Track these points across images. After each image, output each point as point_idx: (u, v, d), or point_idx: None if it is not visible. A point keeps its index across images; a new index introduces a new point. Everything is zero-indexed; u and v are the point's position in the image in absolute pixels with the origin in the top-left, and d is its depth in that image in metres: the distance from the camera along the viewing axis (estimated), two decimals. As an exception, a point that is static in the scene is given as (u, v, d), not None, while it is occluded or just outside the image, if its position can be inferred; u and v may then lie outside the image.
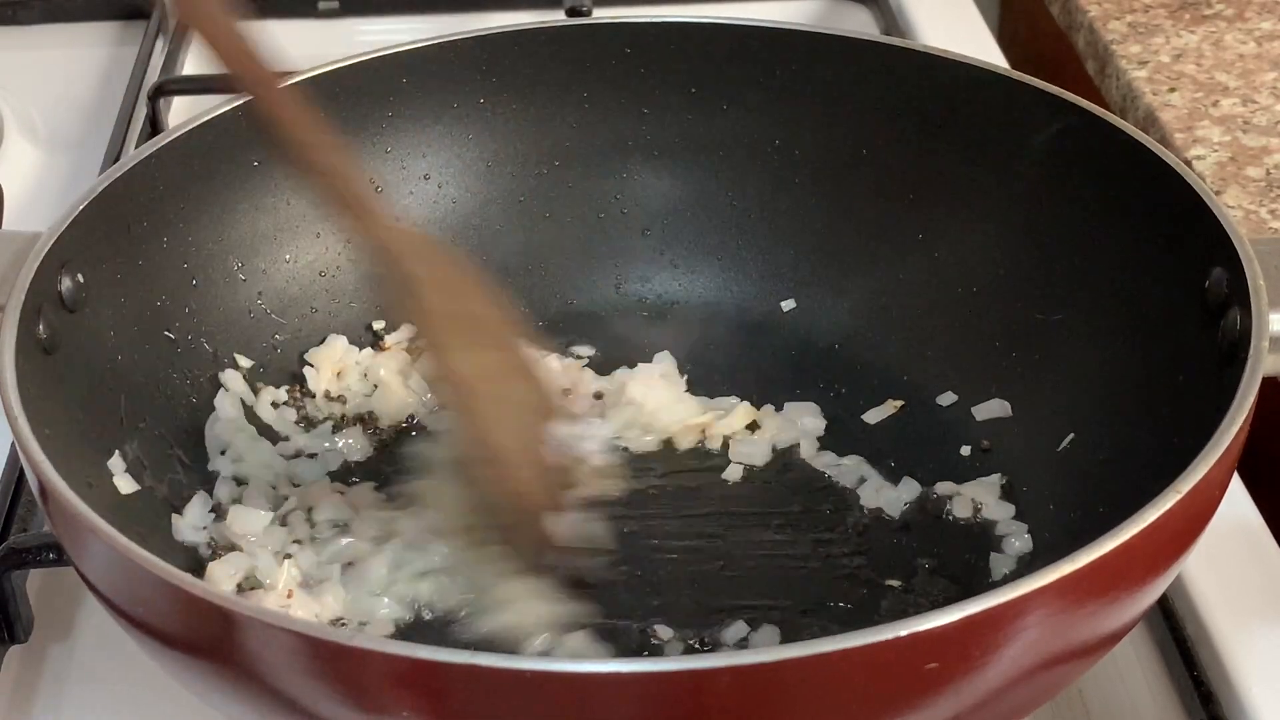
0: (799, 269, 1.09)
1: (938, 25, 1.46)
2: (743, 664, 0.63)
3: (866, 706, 0.67)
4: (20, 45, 1.45)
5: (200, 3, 0.82)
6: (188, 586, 0.67)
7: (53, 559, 0.91)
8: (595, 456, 0.97)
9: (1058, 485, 0.93)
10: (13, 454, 1.01)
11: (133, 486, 0.88)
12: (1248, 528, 0.96)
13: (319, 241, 1.06)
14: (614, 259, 1.11)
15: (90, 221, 0.89)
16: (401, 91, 1.05)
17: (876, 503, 0.95)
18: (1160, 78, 1.33)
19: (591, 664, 0.63)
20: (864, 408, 1.02)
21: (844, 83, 1.06)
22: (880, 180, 1.06)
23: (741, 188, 1.10)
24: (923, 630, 0.63)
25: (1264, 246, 0.84)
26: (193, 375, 0.98)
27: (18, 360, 0.79)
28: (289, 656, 0.66)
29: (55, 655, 0.94)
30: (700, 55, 1.08)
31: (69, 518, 0.73)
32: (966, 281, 1.03)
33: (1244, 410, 0.74)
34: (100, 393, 0.90)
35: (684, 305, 1.10)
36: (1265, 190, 1.19)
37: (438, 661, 0.63)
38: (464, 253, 1.08)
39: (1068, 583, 0.66)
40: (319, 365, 1.03)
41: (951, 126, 1.03)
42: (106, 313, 0.91)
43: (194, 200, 0.99)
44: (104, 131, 1.34)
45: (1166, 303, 0.89)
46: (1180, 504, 0.70)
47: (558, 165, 1.11)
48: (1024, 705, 0.75)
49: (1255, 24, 1.41)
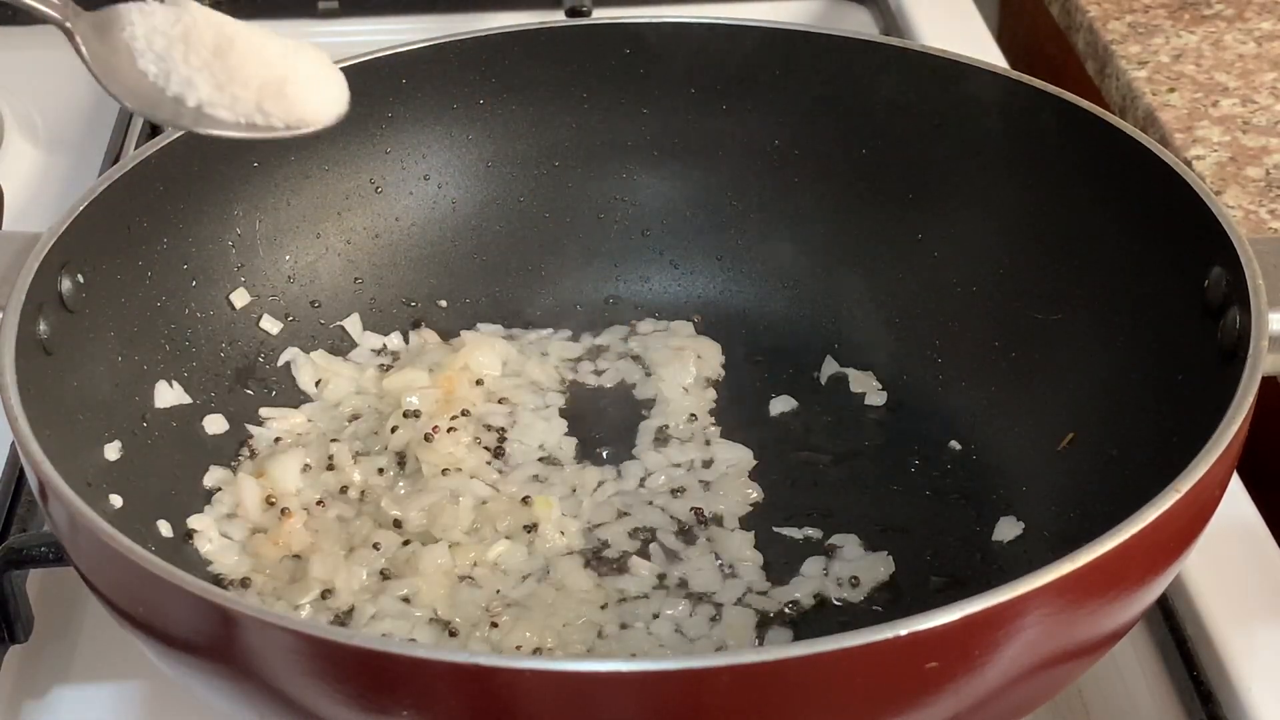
0: (799, 269, 1.09)
1: (937, 25, 1.46)
2: (743, 663, 0.63)
3: (866, 706, 0.67)
4: (20, 45, 1.45)
5: None
6: (188, 586, 0.67)
7: (53, 559, 0.91)
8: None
9: (1058, 485, 0.93)
10: (13, 454, 1.01)
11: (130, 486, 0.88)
12: (1248, 528, 0.96)
13: (319, 241, 1.06)
14: (614, 259, 1.11)
15: (90, 221, 0.89)
16: (401, 92, 1.06)
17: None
18: (1160, 78, 1.33)
19: (592, 663, 0.63)
20: (864, 406, 1.02)
21: (844, 83, 1.06)
22: (880, 180, 1.06)
23: (741, 188, 1.10)
24: (923, 630, 0.63)
25: (1264, 246, 0.84)
26: (193, 375, 0.98)
27: (18, 360, 0.79)
28: (289, 656, 0.66)
29: (55, 655, 0.94)
30: (700, 55, 1.08)
31: (69, 518, 0.73)
32: (966, 281, 1.03)
33: (1244, 410, 0.74)
34: (101, 393, 0.90)
35: (684, 305, 1.10)
36: (1265, 190, 1.19)
37: (437, 661, 0.63)
38: (463, 252, 1.09)
39: (1067, 582, 0.66)
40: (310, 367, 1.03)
41: (951, 126, 1.03)
42: (106, 313, 0.91)
43: (194, 200, 0.99)
44: (104, 131, 1.34)
45: (1166, 302, 0.89)
46: (1180, 504, 0.70)
47: (558, 165, 1.11)
48: (1024, 705, 0.75)
49: (1255, 24, 1.40)
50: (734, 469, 0.99)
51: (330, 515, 0.94)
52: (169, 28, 0.78)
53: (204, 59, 0.78)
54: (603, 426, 1.02)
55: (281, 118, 0.79)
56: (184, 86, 0.78)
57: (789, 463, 1.00)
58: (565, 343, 1.08)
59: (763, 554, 0.93)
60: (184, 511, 0.93)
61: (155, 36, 0.78)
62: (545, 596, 0.89)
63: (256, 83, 0.79)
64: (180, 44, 0.78)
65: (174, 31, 0.78)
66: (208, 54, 0.78)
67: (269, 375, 1.03)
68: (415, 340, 1.07)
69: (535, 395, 1.04)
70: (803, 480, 0.98)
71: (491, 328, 1.08)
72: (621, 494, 0.97)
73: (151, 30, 0.78)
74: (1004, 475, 0.96)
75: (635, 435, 1.02)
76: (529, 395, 1.04)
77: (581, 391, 1.05)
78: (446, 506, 0.93)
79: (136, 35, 0.78)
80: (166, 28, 0.78)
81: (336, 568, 0.90)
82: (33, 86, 1.43)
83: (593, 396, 1.05)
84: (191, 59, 0.78)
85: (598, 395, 1.05)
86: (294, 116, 0.80)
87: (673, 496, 0.97)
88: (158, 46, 0.78)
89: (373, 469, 0.97)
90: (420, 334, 1.07)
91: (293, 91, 0.79)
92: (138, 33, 0.78)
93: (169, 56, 0.78)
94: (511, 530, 0.93)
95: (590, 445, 1.01)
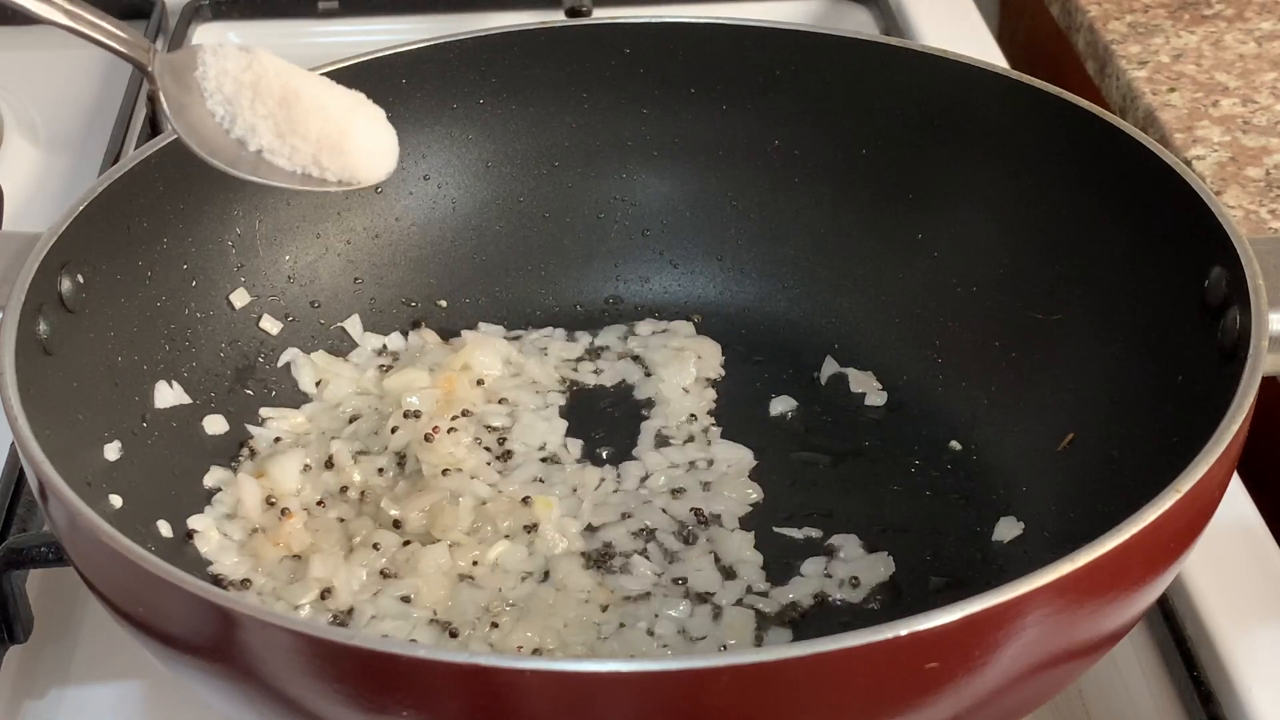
0: (799, 269, 1.09)
1: (938, 25, 1.46)
2: (743, 663, 0.63)
3: (866, 706, 0.67)
4: (20, 45, 1.44)
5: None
6: (188, 586, 0.67)
7: (53, 559, 0.92)
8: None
9: (1058, 485, 0.93)
10: (13, 454, 1.01)
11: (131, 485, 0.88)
12: (1248, 528, 0.96)
13: (319, 241, 1.06)
14: (614, 259, 1.11)
15: (90, 221, 0.89)
16: (401, 92, 1.05)
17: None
18: (1160, 78, 1.33)
19: (592, 664, 0.63)
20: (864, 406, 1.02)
21: (844, 83, 1.06)
22: (880, 180, 1.06)
23: (741, 188, 1.10)
24: (923, 630, 0.63)
25: (1264, 246, 0.84)
26: (193, 375, 0.98)
27: (18, 360, 0.79)
28: (289, 656, 0.66)
29: (55, 655, 0.94)
30: (700, 55, 1.08)
31: (69, 518, 0.73)
32: (966, 281, 1.03)
33: (1244, 410, 0.74)
34: (101, 393, 0.90)
35: (684, 305, 1.10)
36: (1265, 190, 1.19)
37: (437, 661, 0.63)
38: (463, 252, 1.09)
39: (1067, 582, 0.66)
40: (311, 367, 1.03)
41: (951, 126, 1.03)
42: (106, 313, 0.91)
43: (194, 200, 0.99)
44: (104, 131, 1.34)
45: (1166, 302, 0.89)
46: (1180, 504, 0.70)
47: (557, 165, 1.11)
48: (1024, 705, 0.75)
49: (1255, 24, 1.40)
50: (734, 469, 0.99)
51: (330, 515, 0.94)
52: (240, 73, 0.81)
53: (269, 108, 0.81)
54: (603, 426, 1.02)
55: (336, 173, 0.82)
56: (247, 131, 0.81)
57: (789, 463, 1.00)
58: (565, 343, 1.08)
59: (763, 554, 0.93)
60: (184, 511, 0.93)
61: (225, 80, 0.81)
62: (545, 597, 0.89)
63: (316, 135, 0.81)
64: (249, 90, 0.81)
65: (244, 78, 0.81)
66: (274, 104, 0.81)
67: (269, 375, 1.03)
68: (415, 340, 1.07)
69: (535, 395, 1.04)
70: (803, 480, 0.98)
71: (492, 328, 1.08)
72: (622, 494, 0.97)
73: (222, 73, 0.81)
74: (1004, 475, 0.96)
75: (635, 435, 1.02)
76: (529, 395, 1.04)
77: (581, 391, 1.05)
78: (446, 507, 0.93)
79: (207, 76, 0.81)
80: (237, 72, 0.81)
81: (336, 568, 0.90)
82: (33, 86, 1.43)
83: (593, 396, 1.05)
84: (258, 106, 0.81)
85: (598, 395, 1.05)
86: (347, 173, 0.83)
87: (673, 496, 0.97)
88: (227, 90, 0.81)
89: (373, 469, 0.97)
90: (420, 334, 1.07)
91: (349, 147, 0.82)
92: (209, 73, 0.81)
93: (236, 100, 0.81)
94: (512, 530, 0.93)
95: (590, 445, 1.01)
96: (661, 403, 1.04)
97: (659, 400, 1.04)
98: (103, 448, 0.89)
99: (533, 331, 1.09)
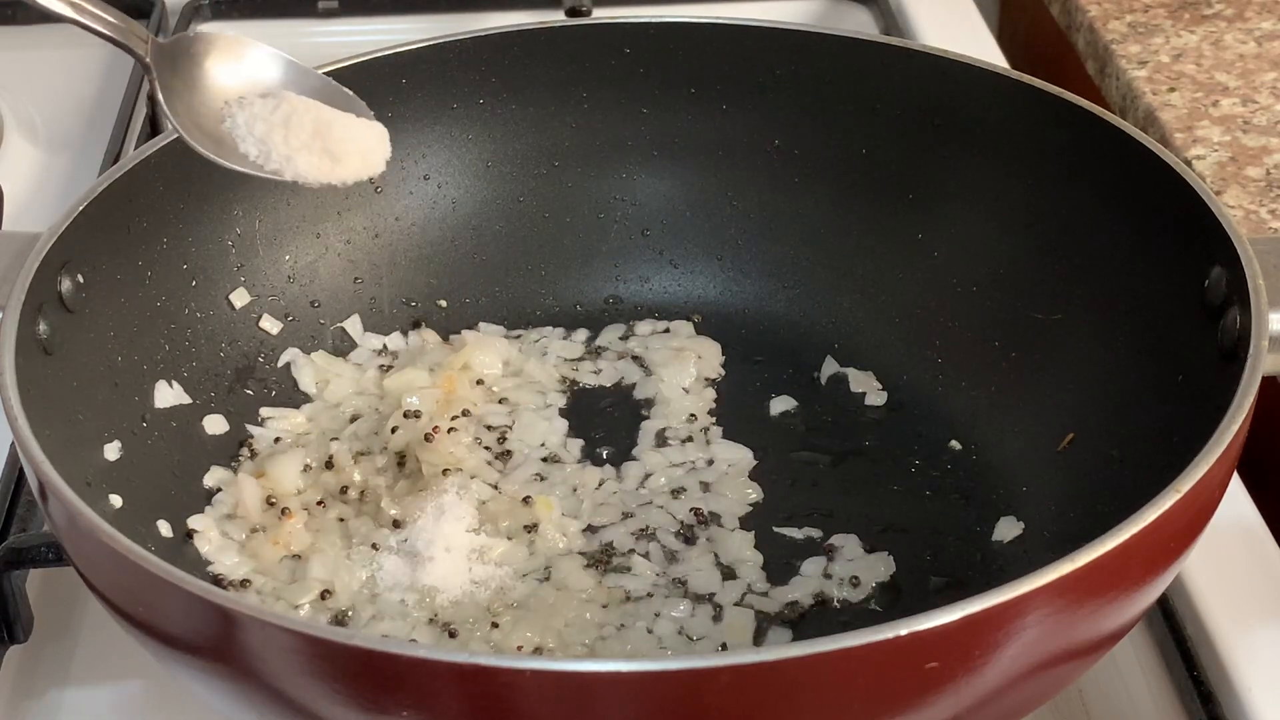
0: (799, 269, 1.09)
1: (938, 25, 1.46)
2: (743, 663, 0.63)
3: (866, 706, 0.67)
4: (20, 45, 1.45)
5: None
6: (188, 586, 0.67)
7: (53, 559, 0.92)
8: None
9: (1058, 485, 0.93)
10: (13, 454, 1.01)
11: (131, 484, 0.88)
12: (1248, 528, 0.96)
13: (319, 241, 1.06)
14: (614, 259, 1.11)
15: (90, 221, 0.89)
16: (401, 91, 1.05)
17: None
18: (1160, 78, 1.33)
19: (592, 663, 0.63)
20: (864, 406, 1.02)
21: (844, 83, 1.06)
22: (880, 180, 1.06)
23: (741, 188, 1.10)
24: (923, 630, 0.63)
25: (1264, 246, 0.84)
26: (192, 375, 0.98)
27: (18, 360, 0.79)
28: (289, 656, 0.66)
29: (55, 655, 0.94)
30: (700, 55, 1.08)
31: (69, 518, 0.73)
32: (966, 281, 1.03)
33: (1244, 410, 0.74)
34: (101, 393, 0.90)
35: (684, 305, 1.10)
36: (1265, 190, 1.19)
37: (438, 661, 0.63)
38: (463, 252, 1.09)
39: (1067, 582, 0.66)
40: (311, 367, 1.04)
41: (951, 126, 1.03)
42: (106, 313, 0.92)
43: (194, 200, 0.99)
44: (104, 131, 1.34)
45: (1166, 302, 0.89)
46: (1180, 504, 0.70)
47: (557, 165, 1.11)
48: (1024, 705, 0.75)
49: (1255, 24, 1.40)
50: (734, 469, 0.99)
51: (330, 515, 0.94)
52: (269, 114, 0.84)
53: (304, 140, 0.84)
54: (603, 426, 1.02)
55: (340, 176, 0.86)
56: (283, 163, 0.84)
57: (789, 463, 1.00)
58: (565, 343, 1.08)
59: (763, 554, 0.93)
60: (184, 511, 0.93)
61: (256, 123, 0.83)
62: (546, 597, 0.89)
63: (354, 149, 0.86)
64: (281, 128, 0.84)
65: (274, 118, 0.84)
66: (307, 136, 0.84)
67: (269, 375, 1.03)
68: (415, 340, 1.07)
69: (536, 395, 1.04)
70: (803, 480, 0.98)
71: (492, 327, 1.08)
72: (622, 494, 0.97)
73: (252, 118, 0.84)
74: (1004, 475, 0.96)
75: (635, 435, 1.02)
76: (529, 395, 1.04)
77: (581, 391, 1.05)
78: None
79: (237, 124, 0.84)
80: (266, 114, 0.84)
81: (336, 568, 0.90)
82: (33, 86, 1.43)
83: (593, 396, 1.05)
84: (292, 140, 0.84)
85: (598, 395, 1.05)
86: (350, 173, 0.87)
87: (673, 496, 0.97)
88: (258, 132, 0.84)
89: (373, 469, 0.97)
90: (420, 334, 1.07)
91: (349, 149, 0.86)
92: (238, 123, 0.84)
93: (269, 140, 0.84)
94: (512, 530, 0.93)
95: (590, 445, 1.01)
96: (661, 403, 1.04)
97: (659, 400, 1.04)
98: (103, 448, 0.89)
99: (533, 331, 1.09)
